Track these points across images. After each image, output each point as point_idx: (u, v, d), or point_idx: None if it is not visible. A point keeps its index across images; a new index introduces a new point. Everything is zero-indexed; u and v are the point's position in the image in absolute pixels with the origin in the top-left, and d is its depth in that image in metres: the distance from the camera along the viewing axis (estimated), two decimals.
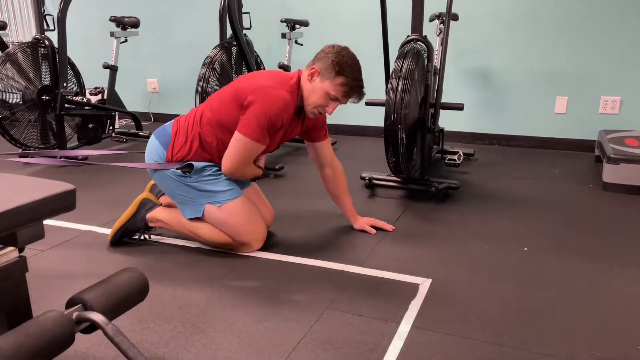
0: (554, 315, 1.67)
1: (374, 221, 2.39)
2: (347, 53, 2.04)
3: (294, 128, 2.18)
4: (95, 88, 4.13)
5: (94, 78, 4.53)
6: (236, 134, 2.02)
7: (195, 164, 2.08)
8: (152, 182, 2.34)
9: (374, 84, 4.03)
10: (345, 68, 2.00)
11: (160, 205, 2.26)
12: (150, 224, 2.22)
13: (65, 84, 3.60)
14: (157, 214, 2.20)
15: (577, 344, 1.52)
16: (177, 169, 2.08)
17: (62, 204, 1.28)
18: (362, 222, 2.37)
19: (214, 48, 3.45)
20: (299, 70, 2.12)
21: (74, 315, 1.24)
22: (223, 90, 2.14)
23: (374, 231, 2.35)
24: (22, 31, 5.45)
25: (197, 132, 2.09)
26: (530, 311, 1.70)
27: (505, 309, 1.72)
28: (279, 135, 2.13)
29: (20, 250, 1.25)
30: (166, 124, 2.20)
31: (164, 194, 2.31)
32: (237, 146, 2.04)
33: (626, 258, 2.08)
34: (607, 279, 1.91)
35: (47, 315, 1.18)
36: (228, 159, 2.06)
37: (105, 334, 1.20)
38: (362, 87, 2.06)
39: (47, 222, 2.41)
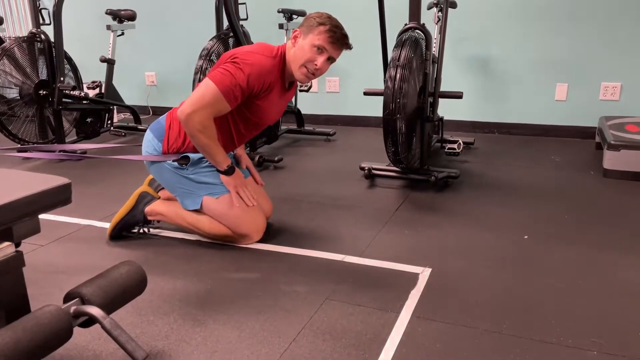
0: (554, 303, 1.67)
1: (250, 165, 2.37)
2: (326, 14, 2.06)
3: (286, 100, 2.19)
4: (93, 82, 4.11)
5: (91, 72, 4.51)
6: (205, 80, 1.95)
7: (191, 155, 2.07)
8: (150, 175, 2.33)
9: (372, 73, 4.02)
10: (324, 19, 2.02)
11: (159, 198, 2.26)
12: (149, 217, 2.21)
13: (62, 79, 3.58)
14: (156, 207, 2.20)
15: (578, 331, 1.52)
16: (173, 160, 2.07)
17: (57, 198, 1.27)
18: (243, 155, 2.36)
19: (210, 40, 3.43)
20: (284, 44, 2.11)
21: (72, 309, 1.24)
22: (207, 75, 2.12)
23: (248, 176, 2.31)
24: (18, 26, 5.43)
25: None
26: (530, 299, 1.70)
27: (505, 297, 1.71)
28: (267, 105, 2.08)
29: (17, 245, 1.25)
30: (161, 117, 2.19)
31: (163, 187, 2.31)
32: (201, 90, 1.94)
33: (627, 245, 2.07)
34: (608, 266, 1.91)
35: (44, 310, 1.18)
36: (187, 101, 1.95)
37: (103, 327, 1.20)
38: (345, 35, 2.07)
39: (46, 216, 2.42)
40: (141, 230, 2.24)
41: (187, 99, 1.96)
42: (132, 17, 4.12)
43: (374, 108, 4.10)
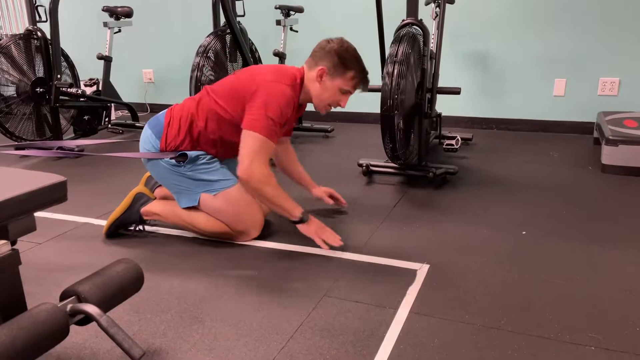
0: (552, 299, 1.67)
1: (331, 191, 2.42)
2: (348, 46, 2.07)
3: (291, 122, 2.22)
4: (90, 79, 4.10)
5: (88, 69, 4.49)
6: (244, 132, 1.94)
7: (189, 153, 2.07)
8: (146, 175, 2.32)
9: (370, 70, 4.00)
10: (352, 61, 2.05)
11: (155, 199, 2.25)
12: (145, 217, 2.21)
13: (59, 76, 3.57)
14: (152, 207, 2.19)
15: (576, 327, 1.52)
16: (170, 158, 2.07)
17: (53, 196, 1.26)
18: (320, 191, 2.40)
19: (207, 36, 3.42)
20: (300, 68, 2.10)
21: (68, 307, 1.23)
22: (222, 83, 2.12)
23: (331, 201, 2.38)
24: (14, 23, 5.41)
25: (190, 123, 2.07)
26: (528, 295, 1.70)
27: (503, 293, 1.71)
28: (282, 131, 2.12)
29: (13, 243, 1.24)
30: (159, 113, 2.19)
31: (159, 186, 2.30)
32: (247, 143, 1.93)
33: (625, 240, 2.07)
34: (606, 261, 1.91)
35: (40, 308, 1.18)
36: (243, 160, 1.93)
37: (100, 325, 1.20)
38: (367, 74, 2.13)
39: (42, 214, 2.42)
40: (137, 228, 2.23)
41: (240, 157, 1.95)
42: (129, 14, 4.10)
43: (372, 104, 4.09)
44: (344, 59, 2.04)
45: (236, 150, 2.08)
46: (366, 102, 4.15)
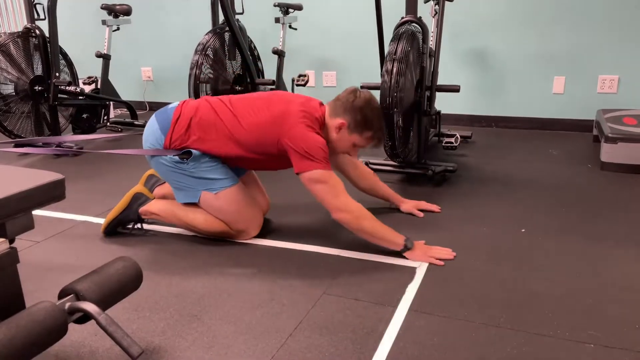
0: (552, 296, 1.67)
1: (420, 204, 2.39)
2: (373, 106, 2.03)
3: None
4: (89, 77, 4.10)
5: (87, 67, 4.49)
6: (304, 177, 1.92)
7: (193, 151, 2.03)
8: (146, 174, 2.32)
9: (369, 67, 4.00)
10: (373, 123, 2.01)
11: (154, 199, 2.24)
12: (144, 217, 2.20)
13: (57, 74, 3.57)
14: (150, 207, 2.18)
15: (575, 324, 1.52)
16: (174, 155, 2.04)
17: (51, 194, 1.26)
18: (409, 206, 2.38)
19: (206, 34, 3.41)
20: (323, 107, 2.06)
21: (67, 305, 1.23)
22: (246, 106, 2.03)
23: (421, 214, 2.35)
24: (13, 21, 5.39)
25: (203, 131, 2.02)
26: (528, 292, 1.70)
27: (502, 291, 1.71)
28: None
29: (11, 241, 1.24)
30: (169, 106, 2.12)
31: (158, 186, 2.29)
32: (318, 188, 1.91)
33: (625, 237, 2.07)
34: (605, 259, 1.90)
35: (39, 306, 1.17)
36: (329, 203, 1.91)
37: (98, 323, 1.20)
38: (384, 132, 2.10)
39: (41, 213, 2.41)
40: (136, 227, 2.23)
41: (324, 202, 1.93)
42: (127, 12, 4.10)
43: None
44: (366, 119, 1.99)
45: (243, 163, 2.07)
46: None
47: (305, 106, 2.00)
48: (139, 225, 2.23)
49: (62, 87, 3.55)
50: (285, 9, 3.92)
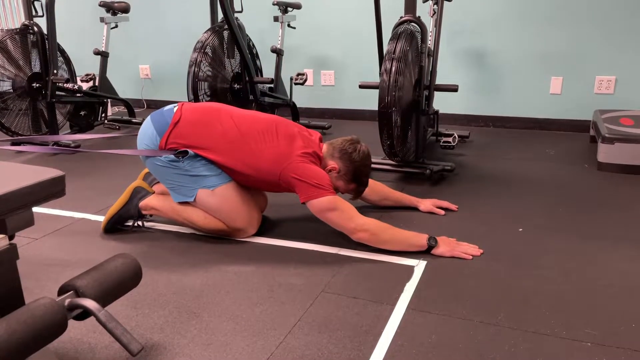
0: (549, 294, 1.68)
1: (438, 202, 2.41)
2: (368, 164, 2.13)
3: None
4: (87, 75, 4.09)
5: (85, 65, 4.48)
6: (312, 205, 1.96)
7: (189, 151, 2.04)
8: (145, 170, 2.32)
9: (367, 66, 4.01)
10: (360, 178, 2.14)
11: (154, 193, 2.24)
12: (143, 212, 2.20)
13: (55, 71, 3.56)
14: (150, 201, 2.19)
15: (572, 323, 1.53)
16: (170, 154, 2.04)
17: (51, 191, 1.26)
18: (428, 204, 2.39)
19: (205, 32, 3.41)
20: (321, 144, 2.14)
21: (66, 302, 1.23)
22: (259, 133, 2.05)
23: (442, 212, 2.36)
24: (11, 18, 5.38)
25: (203, 138, 2.04)
26: (525, 291, 1.70)
27: (500, 289, 1.72)
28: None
29: (11, 237, 1.24)
30: (166, 108, 2.13)
31: (157, 182, 2.29)
32: (331, 215, 1.96)
33: (621, 236, 2.08)
34: (602, 258, 1.92)
35: (38, 303, 1.17)
36: (344, 227, 1.97)
37: (98, 320, 1.20)
38: (365, 188, 2.20)
39: (40, 210, 2.41)
40: (136, 224, 2.23)
41: (343, 230, 1.99)
42: (125, 9, 4.09)
43: (370, 101, 4.10)
44: (357, 174, 2.11)
45: (235, 176, 2.08)
46: (363, 99, 4.16)
47: (306, 142, 2.08)
48: (138, 223, 2.23)
49: (59, 84, 3.54)
50: (284, 7, 3.93)
